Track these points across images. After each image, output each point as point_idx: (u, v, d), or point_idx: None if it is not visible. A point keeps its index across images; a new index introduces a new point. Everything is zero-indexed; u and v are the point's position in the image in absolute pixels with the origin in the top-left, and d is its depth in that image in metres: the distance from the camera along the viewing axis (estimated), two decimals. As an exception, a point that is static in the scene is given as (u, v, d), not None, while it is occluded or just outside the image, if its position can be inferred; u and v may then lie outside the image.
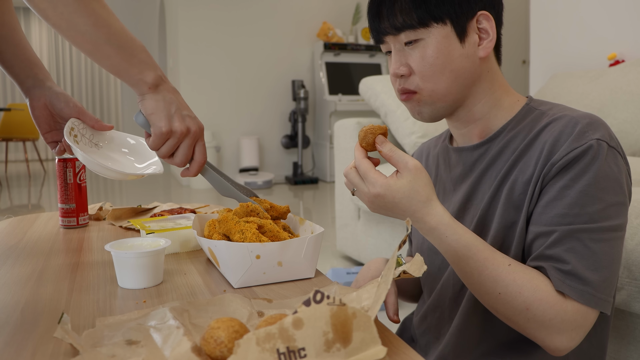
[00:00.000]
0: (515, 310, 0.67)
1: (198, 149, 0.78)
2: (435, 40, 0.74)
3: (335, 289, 0.61)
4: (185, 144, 0.77)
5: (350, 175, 0.73)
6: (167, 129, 0.74)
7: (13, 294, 0.68)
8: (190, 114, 0.77)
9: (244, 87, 5.65)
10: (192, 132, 0.76)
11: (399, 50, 0.77)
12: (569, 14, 2.89)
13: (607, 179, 0.68)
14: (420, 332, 0.91)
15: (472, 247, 0.68)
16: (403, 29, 0.75)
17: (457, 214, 0.82)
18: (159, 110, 0.74)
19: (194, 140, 0.77)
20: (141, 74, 0.72)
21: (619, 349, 1.14)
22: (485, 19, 0.76)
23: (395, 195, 0.68)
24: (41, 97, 0.89)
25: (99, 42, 0.68)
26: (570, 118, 0.71)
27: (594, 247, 0.66)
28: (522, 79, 5.84)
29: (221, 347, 0.46)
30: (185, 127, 0.75)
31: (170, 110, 0.74)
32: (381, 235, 2.28)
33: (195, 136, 0.77)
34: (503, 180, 0.76)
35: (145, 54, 0.73)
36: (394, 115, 2.33)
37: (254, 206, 0.79)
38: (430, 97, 0.77)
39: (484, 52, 0.76)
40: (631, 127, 2.01)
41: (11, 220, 1.16)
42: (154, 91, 0.73)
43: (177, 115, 0.75)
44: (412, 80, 0.77)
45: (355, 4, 5.99)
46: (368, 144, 0.72)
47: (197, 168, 0.79)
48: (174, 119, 0.74)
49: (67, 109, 0.90)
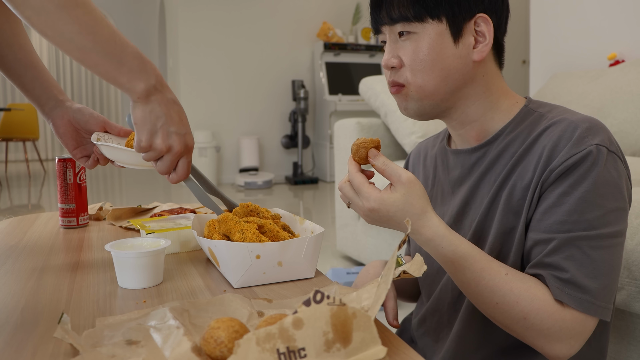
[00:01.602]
0: (513, 320, 0.67)
1: (181, 164, 0.76)
2: (429, 37, 0.74)
3: (335, 289, 0.61)
4: (166, 159, 0.74)
5: (344, 190, 0.73)
6: (147, 144, 0.72)
7: (13, 294, 0.68)
8: (179, 130, 0.73)
9: (244, 87, 5.65)
10: (173, 152, 0.73)
11: (393, 41, 0.77)
12: (569, 14, 2.89)
13: (607, 185, 0.67)
14: (419, 335, 0.91)
15: (468, 258, 0.68)
16: (398, 20, 0.75)
17: (456, 218, 0.82)
18: (144, 123, 0.71)
19: (176, 158, 0.74)
20: (130, 83, 0.69)
21: (619, 349, 1.14)
22: (484, 22, 0.75)
23: (389, 209, 0.68)
24: (64, 115, 0.89)
25: (85, 49, 0.66)
26: (569, 122, 0.70)
27: (593, 254, 0.66)
28: (522, 79, 5.84)
29: (221, 347, 0.46)
30: (167, 146, 0.72)
31: (155, 125, 0.71)
32: (381, 235, 2.28)
33: (178, 155, 0.74)
34: (502, 185, 0.75)
35: (137, 61, 0.69)
36: (394, 115, 2.33)
37: (254, 206, 0.79)
38: (417, 93, 0.76)
39: (478, 56, 0.75)
40: (631, 127, 2.01)
41: (11, 220, 1.16)
42: (144, 102, 0.71)
43: (162, 131, 0.72)
44: (402, 73, 0.77)
45: (355, 4, 5.99)
46: (361, 158, 0.71)
47: (176, 180, 0.77)
48: (157, 135, 0.72)
49: (92, 120, 0.90)
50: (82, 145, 0.92)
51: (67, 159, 1.07)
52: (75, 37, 0.65)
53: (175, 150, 0.73)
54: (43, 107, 0.90)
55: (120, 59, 0.68)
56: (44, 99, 0.90)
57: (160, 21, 6.81)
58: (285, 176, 5.83)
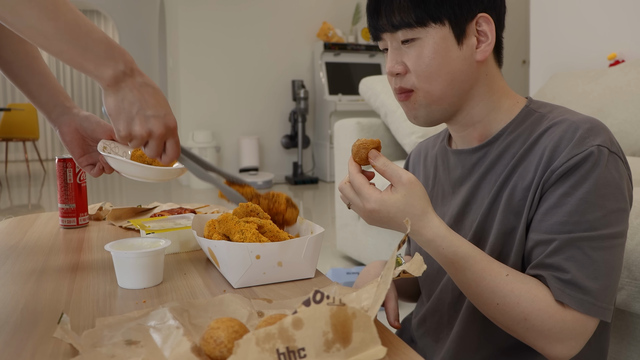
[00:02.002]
0: (513, 321, 0.67)
1: (169, 145, 0.73)
2: (433, 41, 0.73)
3: (335, 289, 0.61)
4: (152, 144, 0.72)
5: (345, 190, 0.73)
6: (126, 133, 0.69)
7: (13, 294, 0.68)
8: (156, 113, 0.70)
9: (244, 87, 5.65)
10: (155, 135, 0.70)
11: (396, 48, 0.76)
12: (569, 14, 2.89)
13: (608, 186, 0.67)
14: (419, 335, 0.90)
15: (469, 259, 0.68)
16: (400, 27, 0.74)
17: (456, 218, 0.81)
18: (119, 112, 0.68)
19: (161, 141, 0.72)
20: (97, 70, 0.66)
21: (619, 349, 1.14)
22: (485, 21, 0.74)
23: (390, 210, 0.68)
24: (71, 123, 0.89)
25: (48, 36, 0.63)
26: (570, 123, 0.70)
27: (594, 255, 0.66)
28: (522, 79, 5.84)
29: (221, 347, 0.46)
30: (147, 131, 0.69)
31: (131, 112, 0.68)
32: (381, 236, 2.28)
33: (161, 137, 0.71)
34: (503, 185, 0.75)
35: (104, 46, 0.66)
36: (394, 115, 2.33)
37: (253, 206, 0.79)
38: (425, 99, 0.76)
39: (481, 56, 0.75)
40: (631, 127, 2.01)
41: (11, 220, 1.16)
42: (114, 88, 0.67)
43: (138, 117, 0.69)
44: (408, 79, 0.76)
45: (355, 4, 5.99)
46: (361, 159, 0.71)
47: (168, 161, 0.75)
48: (134, 122, 0.69)
49: (99, 129, 0.89)
50: (88, 153, 0.92)
51: (67, 159, 1.07)
52: (36, 23, 0.62)
53: (157, 134, 0.70)
54: (50, 114, 0.89)
55: (86, 45, 0.65)
56: (50, 106, 0.89)
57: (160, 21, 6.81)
58: (285, 176, 5.83)
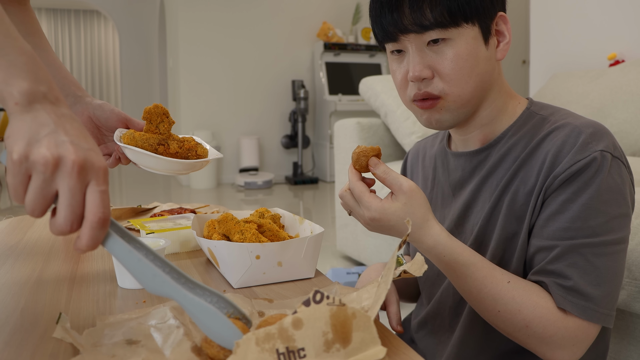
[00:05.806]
0: (515, 327, 0.67)
1: (91, 196, 0.45)
2: (465, 42, 0.70)
3: (335, 289, 0.61)
4: (61, 179, 0.45)
5: (345, 198, 0.73)
6: (19, 156, 0.44)
7: (13, 294, 0.68)
8: (76, 141, 0.46)
9: (244, 87, 5.65)
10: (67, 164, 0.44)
11: (420, 50, 0.72)
12: (569, 14, 2.89)
13: (611, 192, 0.67)
14: (419, 337, 0.90)
15: (470, 266, 0.68)
16: (432, 27, 0.69)
17: (457, 222, 0.81)
18: (20, 132, 0.46)
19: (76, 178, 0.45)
20: (8, 79, 0.47)
21: (619, 349, 1.13)
22: (503, 20, 0.74)
23: (390, 218, 0.67)
24: (84, 112, 0.85)
25: None
26: (573, 127, 0.69)
27: (597, 261, 0.65)
28: (522, 79, 5.84)
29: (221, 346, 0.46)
30: (54, 155, 0.44)
31: (37, 133, 0.46)
32: (381, 236, 2.28)
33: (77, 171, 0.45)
34: (504, 189, 0.74)
35: (27, 58, 0.49)
36: (394, 115, 2.33)
37: (164, 109, 0.77)
38: (455, 103, 0.73)
39: (501, 55, 0.74)
40: (631, 127, 2.01)
41: (11, 220, 1.16)
42: (25, 108, 0.47)
43: (46, 140, 0.45)
44: (436, 85, 0.72)
45: (355, 4, 5.99)
46: (362, 166, 0.71)
47: (88, 232, 0.45)
48: (38, 144, 0.45)
49: (113, 117, 0.85)
50: (103, 144, 0.88)
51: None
52: None
53: (70, 163, 0.44)
54: None
55: None
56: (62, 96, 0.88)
57: (160, 21, 6.81)
58: (285, 176, 5.83)
